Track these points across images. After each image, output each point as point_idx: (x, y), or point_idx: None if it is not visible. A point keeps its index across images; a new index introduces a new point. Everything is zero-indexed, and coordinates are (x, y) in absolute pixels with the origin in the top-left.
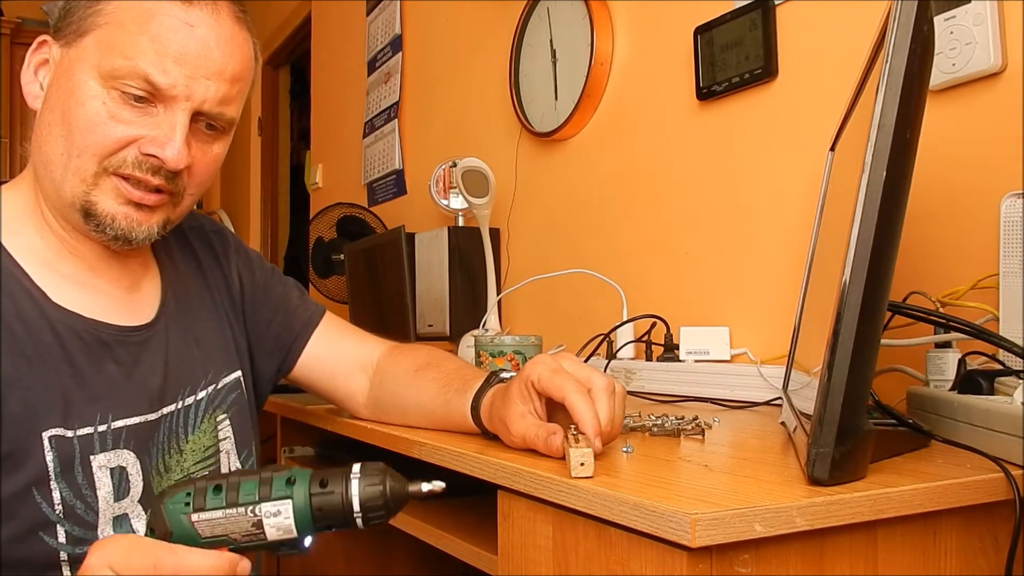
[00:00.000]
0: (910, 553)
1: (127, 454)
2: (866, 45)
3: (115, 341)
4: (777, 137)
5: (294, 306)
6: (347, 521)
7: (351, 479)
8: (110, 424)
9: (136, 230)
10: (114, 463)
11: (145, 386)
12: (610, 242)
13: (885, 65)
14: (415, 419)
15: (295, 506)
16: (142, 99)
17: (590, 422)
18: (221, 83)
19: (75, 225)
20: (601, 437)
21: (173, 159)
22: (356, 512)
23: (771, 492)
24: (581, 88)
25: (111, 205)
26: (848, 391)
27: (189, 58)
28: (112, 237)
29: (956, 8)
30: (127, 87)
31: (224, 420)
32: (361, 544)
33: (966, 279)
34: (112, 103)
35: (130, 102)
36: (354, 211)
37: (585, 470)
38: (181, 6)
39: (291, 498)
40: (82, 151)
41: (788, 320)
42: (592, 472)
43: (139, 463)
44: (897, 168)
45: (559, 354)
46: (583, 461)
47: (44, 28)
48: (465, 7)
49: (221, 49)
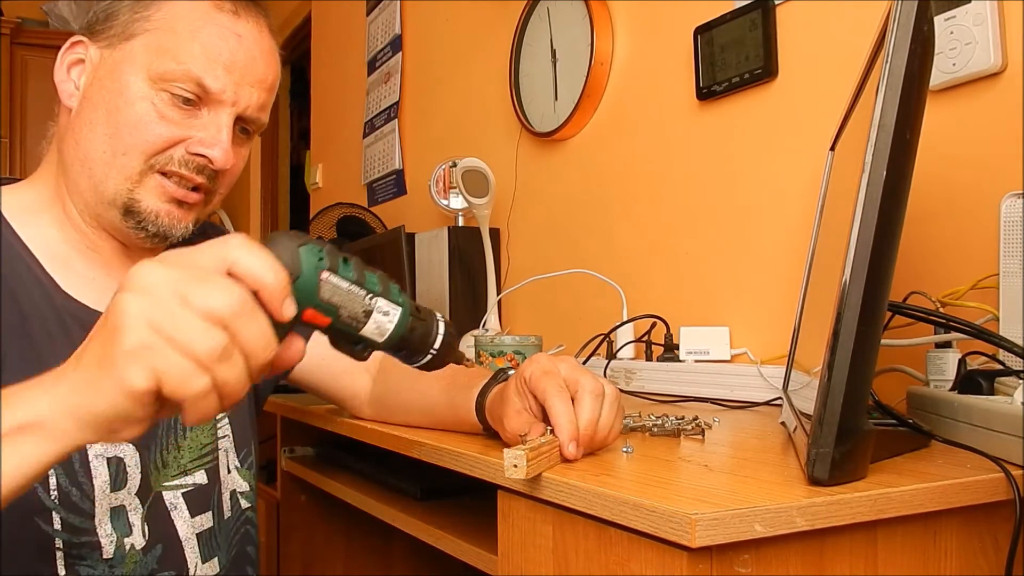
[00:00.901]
0: (910, 553)
1: (126, 446)
2: (866, 45)
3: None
4: (777, 137)
5: None
6: (418, 351)
7: (438, 320)
8: None
9: (176, 227)
10: (111, 453)
11: None
12: (610, 242)
13: (885, 65)
14: (418, 417)
15: (400, 316)
16: (190, 102)
17: (564, 426)
18: (262, 91)
19: (106, 222)
20: (578, 442)
21: (221, 159)
22: (432, 349)
23: (771, 492)
24: (581, 88)
25: (155, 203)
26: (848, 391)
27: (238, 66)
28: (152, 234)
29: (956, 8)
30: (177, 89)
31: (223, 419)
32: (361, 544)
33: (966, 279)
34: (161, 104)
35: (178, 104)
36: (354, 211)
37: (518, 472)
38: (230, 18)
39: (402, 307)
40: (129, 149)
41: (788, 320)
42: (525, 474)
43: (138, 456)
44: (897, 168)
45: (558, 356)
46: (516, 463)
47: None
48: (465, 7)
49: (264, 59)
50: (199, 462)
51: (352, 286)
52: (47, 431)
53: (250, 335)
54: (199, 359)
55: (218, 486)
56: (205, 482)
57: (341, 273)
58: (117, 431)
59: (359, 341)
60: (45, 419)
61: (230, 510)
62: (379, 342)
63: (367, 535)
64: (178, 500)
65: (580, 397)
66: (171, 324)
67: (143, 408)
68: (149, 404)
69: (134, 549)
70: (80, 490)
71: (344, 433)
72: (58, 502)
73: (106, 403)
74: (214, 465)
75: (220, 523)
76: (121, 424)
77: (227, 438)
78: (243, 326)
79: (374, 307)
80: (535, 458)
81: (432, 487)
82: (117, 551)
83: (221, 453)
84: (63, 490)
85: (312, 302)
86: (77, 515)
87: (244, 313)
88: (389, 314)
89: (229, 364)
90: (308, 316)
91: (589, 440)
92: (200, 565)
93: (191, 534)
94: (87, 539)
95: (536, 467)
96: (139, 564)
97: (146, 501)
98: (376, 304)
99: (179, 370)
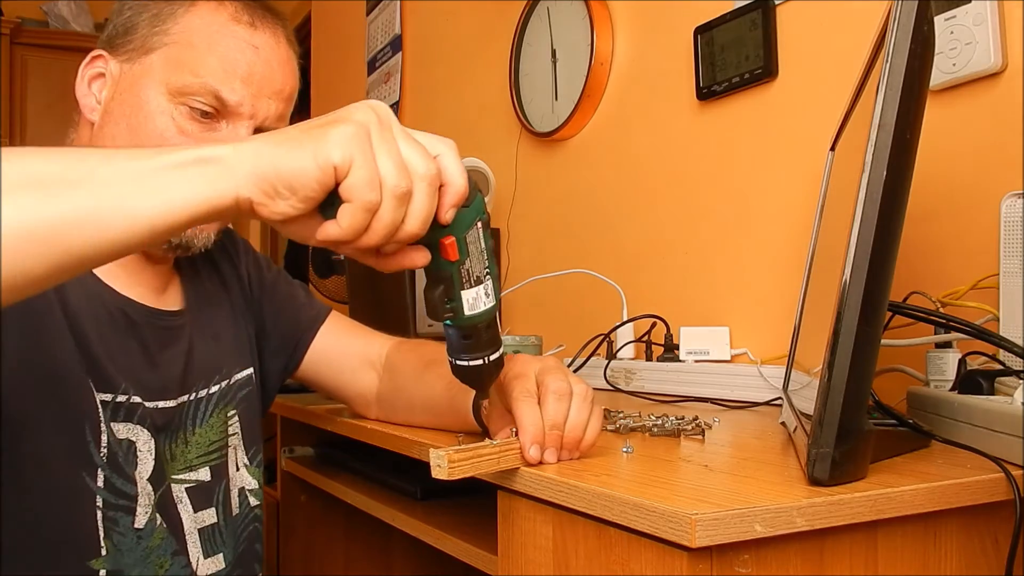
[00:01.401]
0: (910, 553)
1: (140, 430)
2: (866, 45)
3: (145, 322)
4: (777, 137)
5: (300, 305)
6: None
7: (502, 346)
8: (130, 397)
9: (199, 236)
10: (123, 435)
11: (167, 373)
12: (610, 242)
13: (885, 65)
14: (421, 416)
15: (491, 306)
16: (208, 115)
17: (526, 428)
18: (279, 102)
19: None
20: (541, 444)
21: None
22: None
23: (771, 492)
24: (581, 88)
25: None
26: (848, 391)
27: (255, 78)
28: (175, 244)
29: (956, 8)
30: (195, 103)
31: (234, 416)
32: (361, 544)
33: (966, 279)
34: (180, 117)
35: (196, 117)
36: None
37: (440, 472)
38: (247, 30)
39: (495, 302)
40: None
41: (788, 320)
42: (448, 475)
43: (153, 443)
44: (897, 168)
45: (539, 357)
46: (439, 463)
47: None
48: (465, 7)
49: (281, 71)
50: (204, 459)
51: (485, 250)
52: (224, 166)
53: (419, 202)
54: (384, 182)
55: (224, 483)
56: (208, 479)
57: (484, 234)
58: (276, 196)
59: (452, 299)
60: (226, 157)
61: (238, 507)
62: (464, 313)
63: (367, 535)
64: (182, 494)
65: (544, 399)
66: (382, 146)
67: (316, 184)
68: (322, 184)
69: (162, 527)
70: (123, 452)
71: (344, 433)
72: (105, 459)
73: (293, 161)
74: (221, 462)
75: (227, 520)
76: (287, 190)
77: (236, 435)
78: (420, 192)
79: (485, 279)
80: (464, 460)
81: (432, 487)
82: (148, 524)
83: (230, 450)
84: (111, 449)
85: (458, 234)
86: (120, 476)
87: (428, 184)
88: (489, 296)
89: (393, 206)
90: (446, 242)
91: (557, 441)
92: (202, 561)
93: (193, 528)
94: (124, 503)
95: (469, 468)
96: (164, 542)
97: (158, 488)
98: (488, 279)
99: (367, 174)
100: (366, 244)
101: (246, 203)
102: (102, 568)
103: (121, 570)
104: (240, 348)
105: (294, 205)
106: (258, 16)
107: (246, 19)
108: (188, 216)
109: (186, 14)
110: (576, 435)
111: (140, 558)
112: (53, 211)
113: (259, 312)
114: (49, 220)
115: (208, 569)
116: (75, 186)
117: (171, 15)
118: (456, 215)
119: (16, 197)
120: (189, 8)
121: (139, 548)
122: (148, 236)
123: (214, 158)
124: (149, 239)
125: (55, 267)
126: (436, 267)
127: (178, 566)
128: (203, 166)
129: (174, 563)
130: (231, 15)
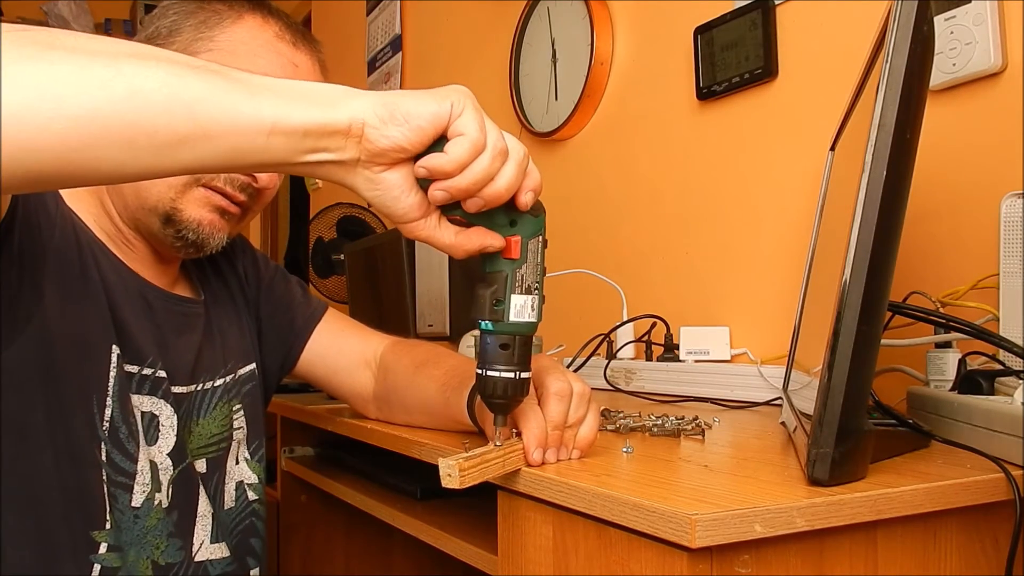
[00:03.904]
0: (910, 553)
1: (164, 405)
2: (866, 45)
3: (162, 307)
4: (777, 137)
5: (297, 303)
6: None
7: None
8: (156, 371)
9: (215, 236)
10: (147, 407)
11: (181, 360)
12: (610, 242)
13: (885, 65)
14: (418, 416)
15: (533, 322)
16: None
17: (530, 430)
18: None
19: (143, 227)
20: (543, 447)
21: (266, 178)
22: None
23: (771, 492)
24: (581, 88)
25: (198, 211)
26: (848, 391)
27: None
28: (190, 242)
29: (956, 8)
30: None
31: (239, 410)
32: (361, 544)
33: (966, 279)
34: None
35: None
36: (354, 211)
37: (452, 481)
38: (290, 48)
39: (538, 320)
40: None
41: (788, 320)
42: (459, 484)
43: (175, 418)
44: (897, 168)
45: (536, 357)
46: (449, 472)
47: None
48: (465, 7)
49: None
50: (203, 451)
51: (540, 266)
52: (345, 91)
53: (511, 168)
54: (488, 135)
55: (218, 475)
56: (204, 471)
57: (543, 254)
58: (390, 121)
59: (501, 301)
60: (348, 89)
61: (233, 501)
62: (509, 318)
63: (367, 535)
64: (204, 468)
65: (545, 400)
66: (484, 115)
67: (431, 116)
68: (437, 118)
69: (160, 507)
70: (128, 429)
71: (344, 433)
72: (107, 434)
73: (412, 97)
74: (219, 455)
75: (219, 512)
76: (402, 117)
77: (241, 429)
78: (512, 162)
79: (534, 292)
80: (473, 467)
81: (432, 487)
82: (146, 503)
83: (233, 444)
84: (114, 424)
85: (524, 235)
86: (120, 453)
87: (519, 160)
88: (534, 310)
89: (493, 155)
90: (511, 240)
91: (557, 441)
92: (208, 545)
93: (207, 511)
94: (123, 480)
95: (478, 475)
96: (161, 523)
97: (178, 465)
98: (537, 293)
99: (478, 119)
100: (459, 185)
101: (358, 127)
102: (103, 541)
103: (120, 547)
104: (244, 343)
105: (404, 133)
106: (299, 37)
107: (289, 38)
108: (302, 128)
109: (233, 25)
110: (577, 434)
111: (137, 537)
112: (198, 84)
113: (257, 310)
114: (190, 92)
115: (210, 554)
116: (217, 73)
117: (218, 24)
118: (524, 217)
119: (176, 69)
120: (236, 20)
121: (136, 527)
122: (248, 146)
123: (338, 88)
124: (247, 147)
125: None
126: (494, 264)
127: (173, 548)
128: (325, 89)
129: (169, 545)
130: (276, 33)
